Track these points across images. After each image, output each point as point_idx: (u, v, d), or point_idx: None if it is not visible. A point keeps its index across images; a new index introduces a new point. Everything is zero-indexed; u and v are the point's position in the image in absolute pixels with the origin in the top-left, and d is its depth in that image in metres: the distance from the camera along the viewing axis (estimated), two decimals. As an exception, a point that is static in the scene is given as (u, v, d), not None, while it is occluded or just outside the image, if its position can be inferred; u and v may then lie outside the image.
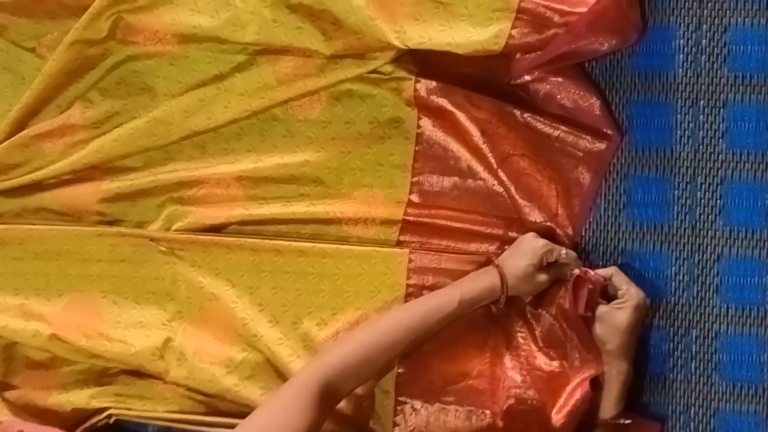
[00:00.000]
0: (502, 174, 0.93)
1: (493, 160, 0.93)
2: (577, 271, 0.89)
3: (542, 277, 0.90)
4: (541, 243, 0.90)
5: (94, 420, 1.01)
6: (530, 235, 0.91)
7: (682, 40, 0.94)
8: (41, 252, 1.01)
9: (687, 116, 0.94)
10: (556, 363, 0.91)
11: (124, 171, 1.02)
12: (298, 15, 0.94)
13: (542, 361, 0.91)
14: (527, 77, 0.93)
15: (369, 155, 0.97)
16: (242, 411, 0.93)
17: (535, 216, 0.93)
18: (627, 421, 0.90)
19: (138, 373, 1.01)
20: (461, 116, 0.93)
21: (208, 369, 0.96)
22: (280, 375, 0.95)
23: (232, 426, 0.88)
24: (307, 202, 0.98)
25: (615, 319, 0.89)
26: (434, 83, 0.94)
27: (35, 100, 1.01)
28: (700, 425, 0.93)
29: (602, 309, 0.90)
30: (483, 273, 0.90)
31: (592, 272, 0.90)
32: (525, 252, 0.89)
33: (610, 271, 0.90)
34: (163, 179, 1.00)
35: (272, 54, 0.97)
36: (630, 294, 0.89)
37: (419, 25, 0.90)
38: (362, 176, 0.97)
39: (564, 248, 0.90)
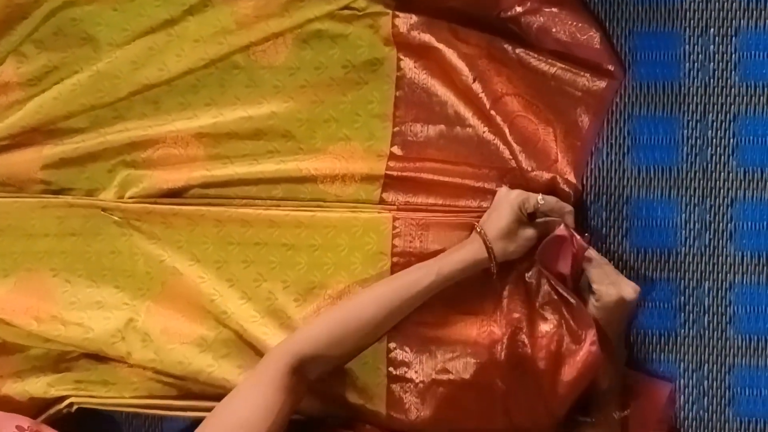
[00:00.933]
0: (494, 116, 0.85)
1: (485, 101, 0.85)
2: (560, 230, 0.82)
3: (528, 232, 0.83)
4: (513, 194, 0.83)
5: (53, 410, 0.92)
6: (503, 189, 0.85)
7: (689, -35, 0.86)
8: None
9: (696, 46, 0.87)
10: (553, 324, 0.84)
11: (69, 133, 0.92)
12: (256, -55, 0.85)
13: (540, 324, 0.85)
14: (518, 8, 0.86)
15: (344, 104, 0.89)
16: (217, 393, 0.86)
17: (531, 163, 0.86)
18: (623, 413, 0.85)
19: (100, 357, 0.93)
20: (447, 52, 0.85)
21: (178, 349, 0.89)
22: (258, 352, 0.87)
23: (207, 409, 0.83)
24: (277, 159, 0.90)
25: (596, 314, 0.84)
26: (415, 17, 0.86)
27: (-39, 56, 0.91)
28: (714, 383, 0.88)
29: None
30: (467, 242, 0.84)
31: (578, 236, 0.83)
32: (501, 209, 0.83)
33: (592, 262, 0.84)
34: (112, 140, 0.91)
35: None
36: (610, 289, 0.83)
37: (395, -47, 0.81)
38: (338, 128, 0.89)
39: (540, 194, 0.83)
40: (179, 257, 0.89)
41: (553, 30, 0.85)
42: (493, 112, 0.85)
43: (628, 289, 0.83)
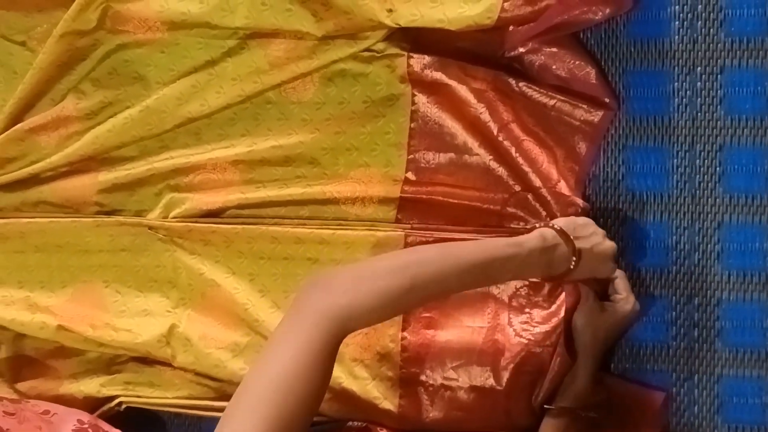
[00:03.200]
0: (501, 142, 0.92)
1: (493, 127, 0.92)
2: None
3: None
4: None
5: (105, 408, 1.02)
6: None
7: (677, 6, 0.92)
8: (42, 245, 1.02)
9: (684, 84, 0.93)
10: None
11: (120, 161, 1.01)
12: (287, -3, 0.93)
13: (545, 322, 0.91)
14: (521, 49, 0.92)
15: (364, 134, 0.97)
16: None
17: (537, 182, 0.92)
18: (593, 415, 0.90)
19: (147, 361, 1.02)
20: (458, 87, 0.92)
21: (214, 354, 0.97)
22: None
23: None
24: (304, 183, 0.98)
25: (602, 318, 0.89)
26: (428, 58, 0.93)
27: (29, 94, 1.01)
28: (704, 391, 0.94)
29: (590, 304, 0.89)
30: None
31: None
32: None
33: (617, 273, 0.90)
34: (159, 167, 1.00)
35: (262, 37, 0.96)
36: (628, 301, 0.89)
37: (410, 3, 0.89)
38: (358, 156, 0.97)
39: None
40: (217, 270, 0.98)
41: (553, 67, 0.92)
42: (500, 138, 0.92)
43: (637, 305, 0.90)
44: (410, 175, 0.96)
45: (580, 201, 0.92)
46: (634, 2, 0.91)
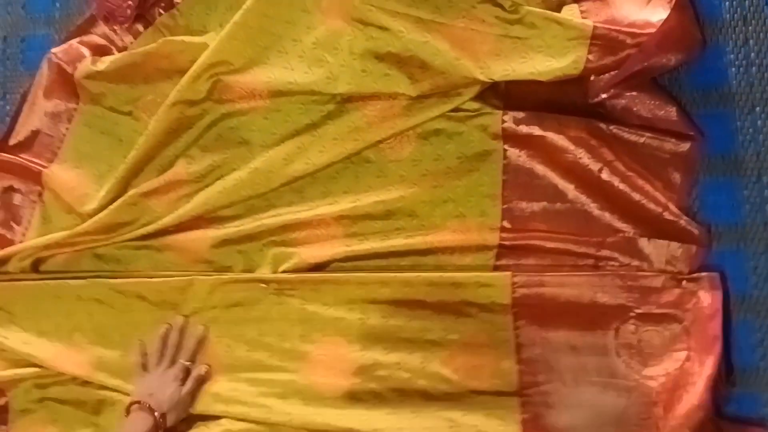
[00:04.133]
0: (606, 178, 0.97)
1: (594, 167, 0.97)
2: None
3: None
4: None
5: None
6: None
7: (732, 55, 1.03)
8: (159, 303, 1.06)
9: (746, 122, 1.02)
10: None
11: (228, 219, 1.07)
12: (386, 63, 1.01)
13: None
14: (603, 95, 0.99)
15: (459, 187, 1.02)
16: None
17: (656, 209, 0.96)
18: None
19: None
20: (554, 137, 0.98)
21: (333, 404, 0.98)
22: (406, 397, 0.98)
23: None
24: (404, 234, 1.03)
25: None
26: (522, 113, 1.00)
27: (140, 159, 1.07)
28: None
29: None
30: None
31: None
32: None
33: None
34: (268, 224, 1.05)
35: (359, 100, 1.03)
36: None
37: (501, 60, 0.98)
38: (454, 207, 1.02)
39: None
40: (328, 317, 1.01)
41: (635, 109, 0.99)
42: (603, 176, 0.97)
43: None
44: (506, 224, 1.00)
45: (695, 226, 0.97)
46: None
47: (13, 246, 1.13)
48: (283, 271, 1.04)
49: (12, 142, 1.16)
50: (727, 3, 1.05)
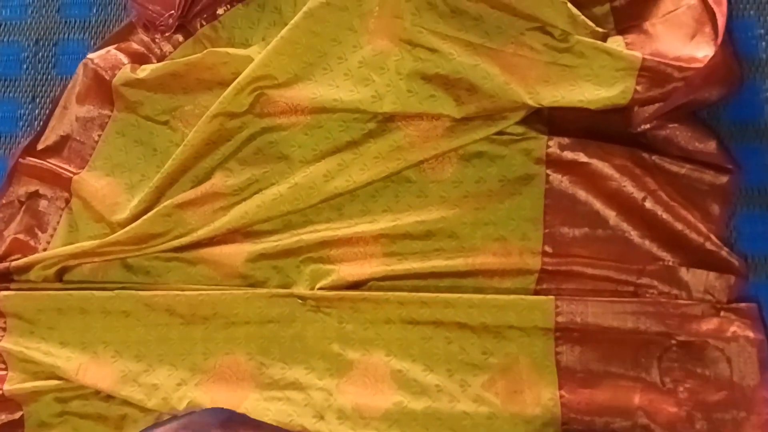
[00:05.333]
0: (649, 207, 0.98)
1: (638, 196, 0.98)
2: None
3: None
4: None
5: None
6: None
7: (767, 94, 1.07)
8: (189, 317, 1.03)
9: None
10: None
11: (265, 234, 1.05)
12: (433, 84, 1.01)
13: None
14: (646, 126, 1.01)
15: (501, 210, 1.02)
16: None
17: (698, 239, 0.98)
18: None
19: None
20: (599, 164, 0.99)
21: (371, 424, 0.97)
22: (446, 419, 0.97)
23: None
24: (444, 256, 1.02)
25: None
26: (567, 140, 1.01)
27: (176, 169, 1.06)
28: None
29: None
30: None
31: None
32: None
33: None
34: (306, 239, 1.03)
35: (402, 120, 1.04)
36: None
37: (550, 87, 0.99)
38: (495, 229, 1.02)
39: None
40: (366, 336, 1.00)
41: (676, 141, 1.01)
42: (647, 206, 0.98)
43: None
44: (547, 248, 1.01)
45: (735, 258, 0.98)
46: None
47: (37, 254, 1.09)
48: (320, 288, 1.03)
49: (40, 146, 1.13)
50: (763, 43, 1.08)
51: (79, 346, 1.05)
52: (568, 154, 1.01)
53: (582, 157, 1.01)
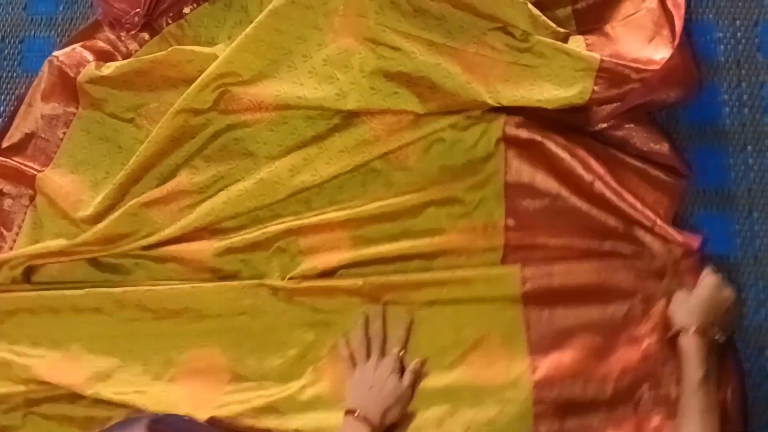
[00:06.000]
0: (597, 190, 1.00)
1: (587, 178, 1.00)
2: None
3: None
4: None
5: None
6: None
7: (726, 95, 1.08)
8: (160, 311, 1.03)
9: (738, 159, 1.07)
10: None
11: (232, 230, 1.05)
12: (395, 82, 1.03)
13: None
14: (603, 125, 1.04)
15: (463, 190, 1.03)
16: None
17: (646, 222, 0.99)
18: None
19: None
20: (551, 144, 1.01)
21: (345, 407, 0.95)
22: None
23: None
24: (411, 237, 1.03)
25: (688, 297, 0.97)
26: (522, 119, 1.02)
27: (140, 166, 1.06)
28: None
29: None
30: None
31: None
32: None
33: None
34: (272, 230, 1.04)
35: (366, 114, 1.04)
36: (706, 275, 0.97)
37: (510, 86, 1.00)
38: (459, 208, 1.03)
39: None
40: (339, 322, 1.00)
41: (632, 141, 1.03)
42: (595, 188, 1.00)
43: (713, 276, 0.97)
44: (510, 222, 1.02)
45: (678, 237, 1.00)
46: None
47: (4, 254, 1.09)
48: (291, 278, 1.03)
49: (5, 144, 1.13)
50: (722, 47, 1.11)
51: (51, 345, 1.05)
52: (524, 133, 1.02)
53: (537, 137, 1.02)
